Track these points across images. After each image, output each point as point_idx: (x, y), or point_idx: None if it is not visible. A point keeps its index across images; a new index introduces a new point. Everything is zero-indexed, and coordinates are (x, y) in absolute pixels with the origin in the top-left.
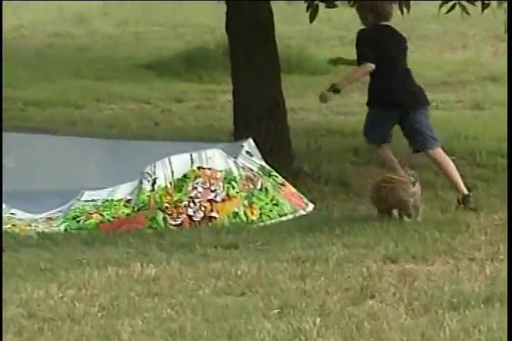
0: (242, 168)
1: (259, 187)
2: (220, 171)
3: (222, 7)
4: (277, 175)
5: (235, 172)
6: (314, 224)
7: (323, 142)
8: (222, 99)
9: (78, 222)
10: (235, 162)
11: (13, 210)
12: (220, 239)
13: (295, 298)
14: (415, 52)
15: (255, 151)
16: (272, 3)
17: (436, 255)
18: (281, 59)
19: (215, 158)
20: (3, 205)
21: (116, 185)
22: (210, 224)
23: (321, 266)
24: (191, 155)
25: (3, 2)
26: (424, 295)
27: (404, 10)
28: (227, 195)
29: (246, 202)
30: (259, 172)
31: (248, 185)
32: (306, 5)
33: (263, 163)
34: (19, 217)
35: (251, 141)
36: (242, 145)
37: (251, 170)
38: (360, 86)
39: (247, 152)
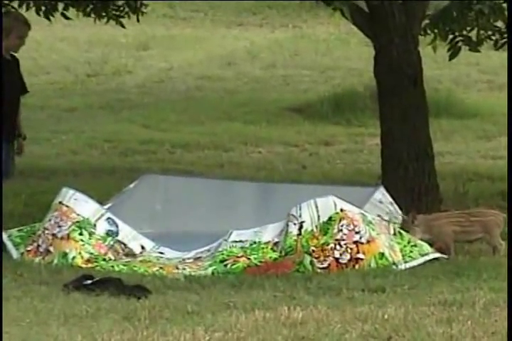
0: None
1: (392, 232)
2: (357, 213)
3: (371, 51)
4: None
5: (369, 216)
6: (461, 269)
7: (470, 186)
8: (370, 143)
9: (226, 265)
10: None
11: (161, 249)
12: (367, 282)
13: None
14: None
15: (385, 200)
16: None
17: None
18: (429, 103)
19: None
20: (153, 243)
21: None
22: (356, 266)
23: (468, 310)
24: (333, 198)
25: (155, 48)
26: None
27: None
28: (371, 236)
29: (387, 244)
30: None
31: (383, 230)
32: (447, 46)
33: (386, 218)
34: (167, 257)
35: (382, 190)
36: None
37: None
38: None
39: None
